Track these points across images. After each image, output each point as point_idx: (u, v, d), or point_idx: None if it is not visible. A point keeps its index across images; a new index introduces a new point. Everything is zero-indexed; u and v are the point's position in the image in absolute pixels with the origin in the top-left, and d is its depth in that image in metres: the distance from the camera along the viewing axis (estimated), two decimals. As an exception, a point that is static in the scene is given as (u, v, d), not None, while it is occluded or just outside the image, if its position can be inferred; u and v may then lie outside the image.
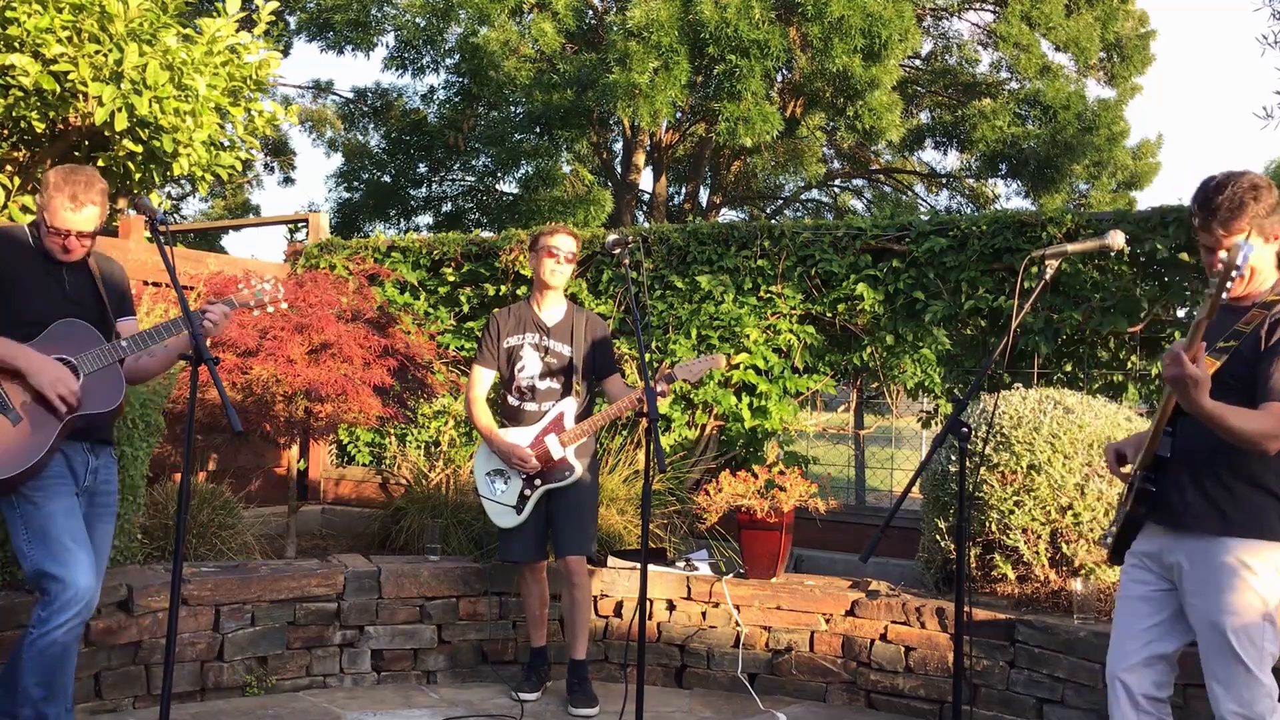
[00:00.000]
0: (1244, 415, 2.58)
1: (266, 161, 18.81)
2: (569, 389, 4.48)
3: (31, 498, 3.19)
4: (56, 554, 3.15)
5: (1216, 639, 2.65)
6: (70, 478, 3.30)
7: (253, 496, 6.31)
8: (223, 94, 4.44)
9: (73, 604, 3.13)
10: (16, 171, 4.50)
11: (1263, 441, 2.58)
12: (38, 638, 3.14)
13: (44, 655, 3.14)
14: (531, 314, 4.55)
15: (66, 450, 3.28)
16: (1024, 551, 4.30)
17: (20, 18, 3.96)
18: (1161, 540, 2.81)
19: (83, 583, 3.15)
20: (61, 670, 3.20)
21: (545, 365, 4.48)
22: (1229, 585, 2.64)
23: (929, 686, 4.37)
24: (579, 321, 4.53)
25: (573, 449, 4.39)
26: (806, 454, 6.09)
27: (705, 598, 4.78)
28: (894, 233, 5.68)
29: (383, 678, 4.66)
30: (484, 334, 4.59)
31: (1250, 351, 2.67)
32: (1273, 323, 2.67)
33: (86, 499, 3.37)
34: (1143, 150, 15.85)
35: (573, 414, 4.43)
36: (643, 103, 11.18)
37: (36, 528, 3.17)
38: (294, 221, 8.50)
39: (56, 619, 3.12)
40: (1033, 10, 14.06)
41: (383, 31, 14.63)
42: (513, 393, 4.51)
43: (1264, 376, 2.63)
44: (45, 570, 3.14)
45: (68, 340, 3.25)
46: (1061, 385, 4.97)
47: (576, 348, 4.48)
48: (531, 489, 4.40)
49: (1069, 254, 2.94)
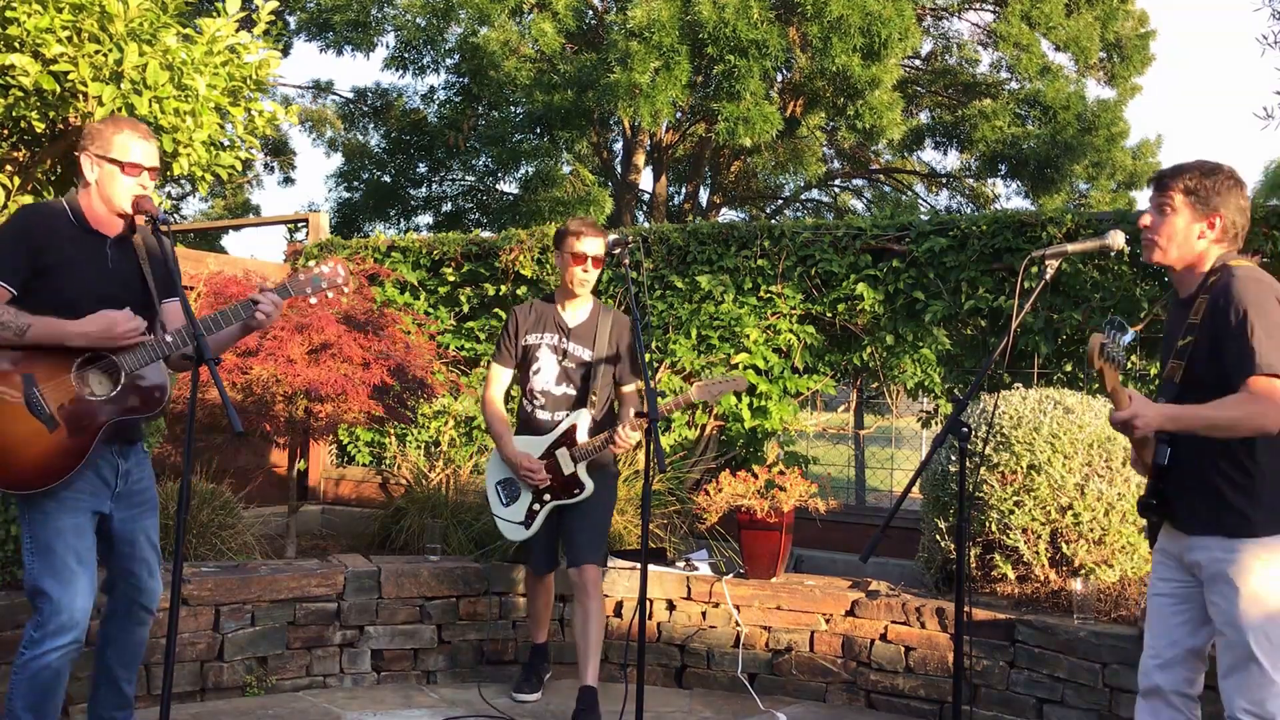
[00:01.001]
0: (1223, 405, 2.56)
1: (266, 161, 18.80)
2: (585, 398, 4.22)
3: (44, 507, 3.05)
4: (57, 571, 3.02)
5: (1234, 636, 2.63)
6: (97, 490, 3.15)
7: (253, 496, 6.31)
8: (223, 94, 4.44)
9: (65, 631, 3.00)
10: (16, 171, 4.50)
11: (1256, 420, 2.54)
12: (30, 659, 3.01)
13: (35, 679, 3.01)
14: (554, 312, 4.29)
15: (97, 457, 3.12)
16: (1024, 551, 4.30)
17: (20, 18, 3.96)
18: (1180, 541, 2.79)
19: (78, 605, 3.02)
20: (53, 695, 3.07)
21: (562, 370, 4.24)
22: (1249, 584, 2.62)
23: (929, 686, 4.37)
24: (604, 323, 4.25)
25: (584, 465, 4.16)
26: (806, 454, 6.09)
27: (705, 598, 4.78)
28: (894, 233, 5.68)
29: (383, 678, 4.66)
30: (503, 330, 4.35)
31: (1205, 340, 2.67)
32: (1212, 304, 2.66)
33: (123, 502, 3.23)
34: (1143, 150, 15.85)
35: (586, 426, 4.18)
36: (643, 103, 11.17)
37: (42, 541, 3.05)
38: (294, 221, 8.50)
39: (50, 643, 3.00)
40: (1033, 10, 14.05)
41: (383, 32, 14.62)
42: (527, 396, 4.29)
43: (1228, 359, 2.60)
44: (41, 587, 3.02)
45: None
46: (1061, 385, 4.97)
47: (598, 352, 4.21)
48: (540, 503, 4.22)
49: (1069, 254, 2.94)
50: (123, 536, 3.26)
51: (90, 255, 3.13)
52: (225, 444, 6.25)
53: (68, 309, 3.04)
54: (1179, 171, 2.77)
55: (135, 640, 3.37)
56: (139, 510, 3.30)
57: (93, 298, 3.08)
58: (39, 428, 2.99)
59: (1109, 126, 14.04)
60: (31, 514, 3.07)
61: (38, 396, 2.99)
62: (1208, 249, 2.76)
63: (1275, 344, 2.53)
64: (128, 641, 3.36)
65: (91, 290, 3.09)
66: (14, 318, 2.96)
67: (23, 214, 3.16)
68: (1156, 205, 2.80)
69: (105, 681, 3.37)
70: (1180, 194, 2.75)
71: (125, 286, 3.19)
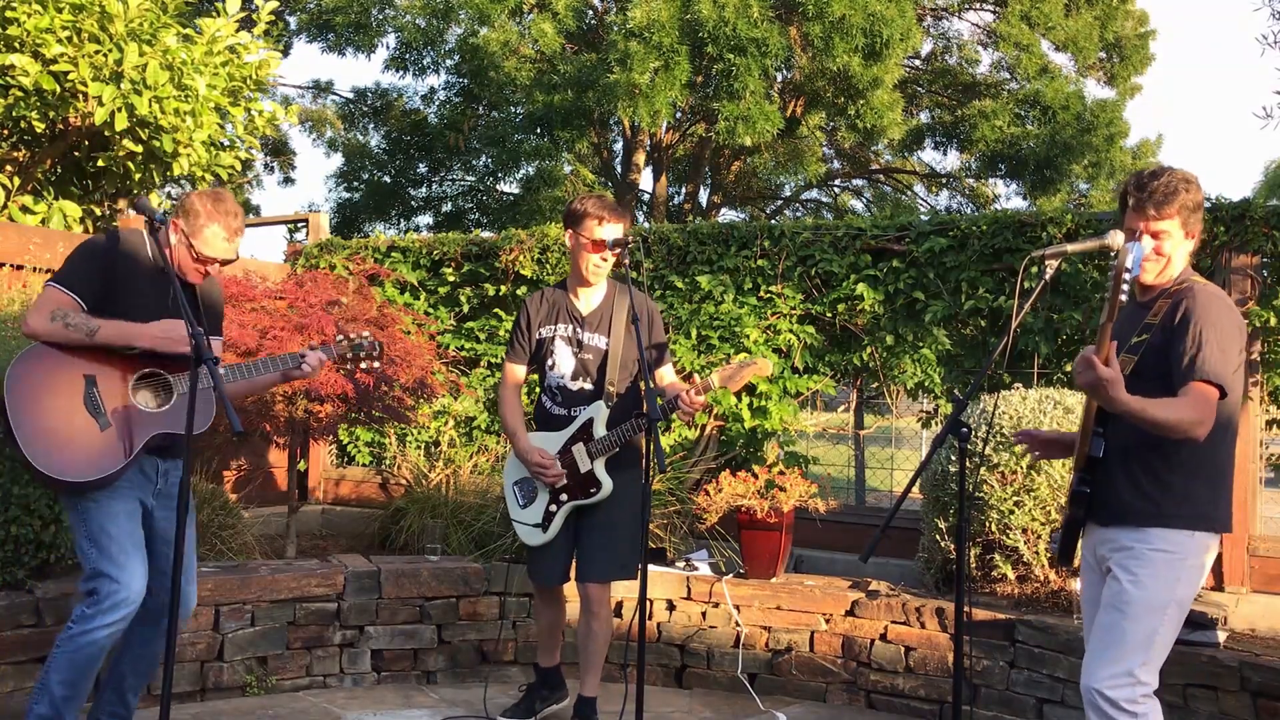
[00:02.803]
0: (1167, 405, 2.62)
1: (266, 161, 18.77)
2: (600, 390, 3.90)
3: (95, 495, 3.18)
4: (114, 555, 3.16)
5: (1114, 617, 2.70)
6: (141, 484, 3.30)
7: (253, 496, 6.31)
8: (223, 94, 4.45)
9: (123, 606, 3.14)
10: (16, 171, 4.50)
11: (1191, 428, 2.62)
12: (78, 634, 3.14)
13: (79, 654, 3.14)
14: (567, 301, 3.97)
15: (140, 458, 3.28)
16: (1024, 551, 4.30)
17: (20, 18, 3.97)
18: (1095, 534, 2.87)
19: (135, 586, 3.16)
20: (88, 674, 3.20)
21: (579, 362, 3.92)
22: (1142, 570, 2.69)
23: (929, 686, 4.37)
24: (620, 307, 3.89)
25: (602, 462, 3.87)
26: (806, 454, 6.09)
27: (705, 598, 4.78)
28: (894, 233, 5.68)
29: (383, 678, 4.66)
30: (514, 324, 4.04)
31: (1161, 340, 2.74)
32: (1172, 306, 2.74)
33: (164, 502, 3.36)
34: (1142, 150, 15.86)
35: (603, 421, 3.87)
36: (643, 103, 11.17)
37: (97, 526, 3.18)
38: (294, 221, 8.48)
39: (103, 619, 3.12)
40: (1032, 10, 14.06)
41: (383, 33, 14.62)
42: (544, 391, 4.01)
43: (1177, 358, 2.68)
44: (102, 570, 3.15)
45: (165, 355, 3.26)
46: (1061, 385, 4.97)
47: (615, 339, 3.88)
48: (557, 504, 3.90)
49: (1069, 254, 2.94)
50: (162, 536, 3.36)
51: (157, 289, 3.29)
52: (225, 444, 6.25)
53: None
54: (1172, 195, 2.78)
55: (154, 650, 3.42)
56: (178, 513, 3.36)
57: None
58: (93, 424, 3.17)
59: (1108, 126, 14.04)
60: (83, 504, 3.20)
61: (96, 395, 3.19)
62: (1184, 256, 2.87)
63: (1223, 359, 2.65)
64: (147, 651, 3.42)
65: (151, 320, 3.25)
66: (84, 320, 3.16)
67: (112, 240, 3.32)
68: (1162, 234, 2.79)
69: (113, 686, 3.41)
70: (1178, 218, 2.79)
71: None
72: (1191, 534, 2.73)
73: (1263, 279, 4.78)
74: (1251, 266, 4.75)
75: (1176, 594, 2.70)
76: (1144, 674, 2.66)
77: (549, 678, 4.19)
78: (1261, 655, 3.71)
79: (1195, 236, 2.84)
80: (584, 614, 3.96)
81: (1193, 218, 2.81)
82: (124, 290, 3.25)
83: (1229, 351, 2.67)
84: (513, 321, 4.32)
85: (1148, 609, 2.68)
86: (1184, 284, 2.80)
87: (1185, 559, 2.71)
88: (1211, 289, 2.79)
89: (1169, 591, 2.69)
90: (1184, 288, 2.78)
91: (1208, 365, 2.64)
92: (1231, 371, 2.67)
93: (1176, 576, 2.70)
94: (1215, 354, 2.65)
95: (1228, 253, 4.74)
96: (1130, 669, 2.65)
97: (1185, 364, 2.66)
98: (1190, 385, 2.64)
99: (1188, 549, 2.72)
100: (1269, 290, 4.76)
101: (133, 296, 3.25)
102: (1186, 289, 2.77)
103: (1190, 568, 2.73)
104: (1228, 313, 2.74)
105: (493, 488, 5.58)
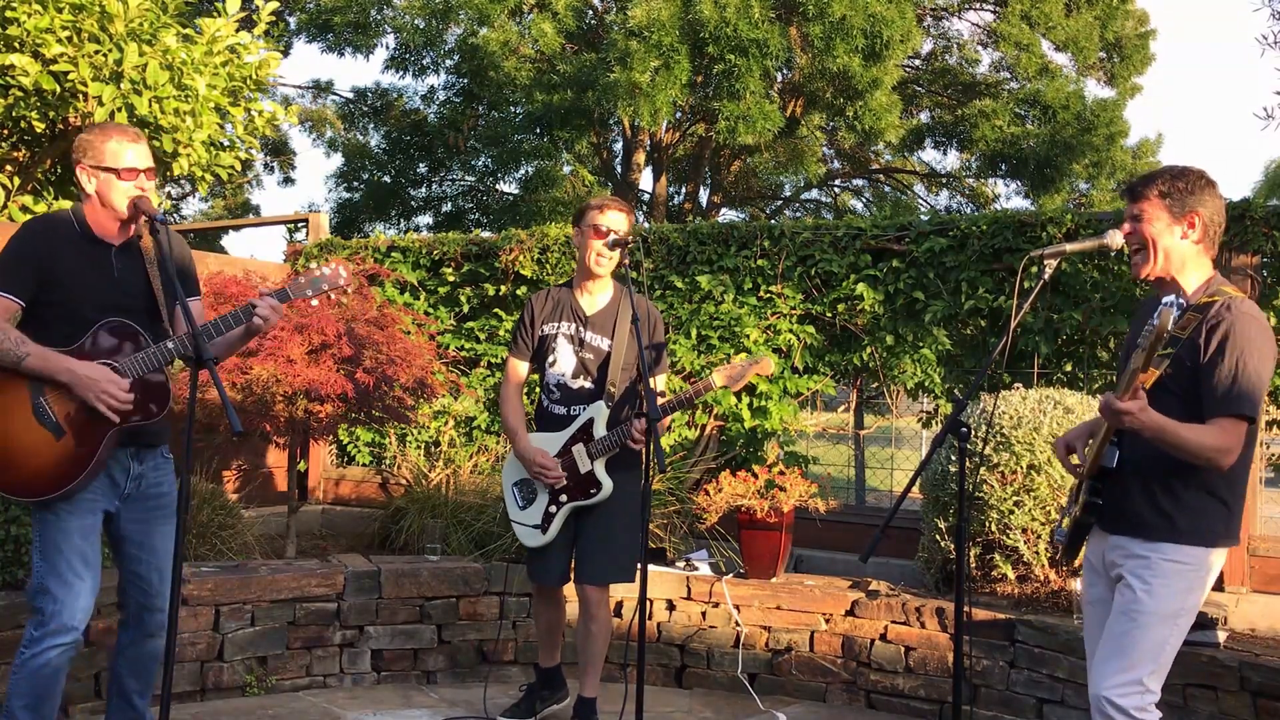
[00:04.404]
0: (1195, 431, 2.59)
1: (266, 161, 18.80)
2: (601, 389, 3.93)
3: (55, 508, 3.07)
4: (62, 572, 3.06)
5: (1124, 625, 2.69)
6: (106, 491, 3.17)
7: (253, 496, 6.31)
8: (223, 94, 4.45)
9: (65, 633, 3.04)
10: (16, 171, 4.51)
11: (1216, 456, 2.60)
12: (29, 657, 3.04)
13: (36, 676, 3.04)
14: (571, 299, 4.01)
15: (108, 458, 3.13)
16: (1024, 551, 4.30)
17: (20, 18, 3.97)
18: (1102, 541, 2.85)
19: (79, 605, 3.06)
20: (51, 694, 3.09)
21: (580, 361, 3.95)
22: (1154, 583, 2.68)
23: (929, 686, 4.37)
24: (625, 311, 3.93)
25: (602, 462, 3.88)
26: (806, 454, 6.09)
27: (705, 598, 4.78)
28: (894, 233, 5.68)
29: (383, 678, 4.66)
30: (518, 320, 4.07)
31: (1190, 359, 2.68)
32: (1209, 328, 2.67)
33: (135, 506, 3.23)
34: (1142, 150, 15.86)
35: (603, 421, 3.89)
36: (643, 102, 11.17)
37: (50, 541, 3.08)
38: (294, 221, 8.49)
39: (50, 640, 3.03)
40: (1032, 10, 14.05)
41: (383, 33, 14.63)
42: (544, 390, 4.04)
43: (1210, 386, 2.63)
44: (46, 586, 3.06)
45: (113, 349, 3.10)
46: (1061, 385, 4.97)
47: (618, 341, 3.92)
48: (557, 505, 3.91)
49: (1068, 253, 2.94)
50: (131, 539, 3.26)
51: (95, 264, 3.15)
52: (225, 444, 6.26)
53: (75, 318, 3.08)
54: (1150, 179, 2.78)
55: (147, 652, 3.32)
56: (154, 514, 3.27)
57: (99, 306, 3.11)
58: (47, 436, 3.03)
59: (1108, 126, 14.05)
60: (43, 515, 3.10)
61: (44, 405, 3.04)
62: (1193, 253, 2.78)
63: (1258, 388, 2.61)
64: (139, 653, 3.32)
65: (97, 299, 3.12)
66: (14, 345, 2.99)
67: (27, 226, 3.18)
68: (1133, 215, 2.80)
69: (116, 693, 3.34)
70: (1156, 198, 2.76)
71: (131, 294, 3.19)
72: (1206, 550, 2.71)
73: (1263, 279, 4.78)
74: (1251, 266, 4.75)
75: (1188, 604, 2.70)
76: (1152, 682, 2.66)
77: (549, 678, 4.20)
78: (1261, 655, 3.71)
79: (1196, 226, 2.75)
80: (582, 615, 3.98)
81: (1180, 203, 2.73)
82: (58, 272, 3.08)
83: (1263, 378, 2.61)
84: (516, 318, 4.36)
85: (1160, 618, 2.67)
86: (1216, 296, 2.70)
87: (1198, 570, 2.70)
88: (1249, 309, 2.68)
89: (1181, 601, 2.68)
90: (1220, 304, 2.68)
91: (1243, 399, 2.58)
92: (1261, 397, 2.62)
93: (1189, 586, 2.69)
94: (1251, 385, 2.58)
95: (1228, 253, 4.74)
96: (1140, 677, 2.65)
97: (1220, 395, 2.60)
98: (1221, 419, 2.59)
99: (1201, 562, 2.70)
100: (1269, 290, 4.76)
101: (68, 276, 3.09)
102: (1224, 306, 2.67)
103: (1202, 578, 2.72)
104: (1265, 337, 2.64)
105: (493, 488, 5.58)
